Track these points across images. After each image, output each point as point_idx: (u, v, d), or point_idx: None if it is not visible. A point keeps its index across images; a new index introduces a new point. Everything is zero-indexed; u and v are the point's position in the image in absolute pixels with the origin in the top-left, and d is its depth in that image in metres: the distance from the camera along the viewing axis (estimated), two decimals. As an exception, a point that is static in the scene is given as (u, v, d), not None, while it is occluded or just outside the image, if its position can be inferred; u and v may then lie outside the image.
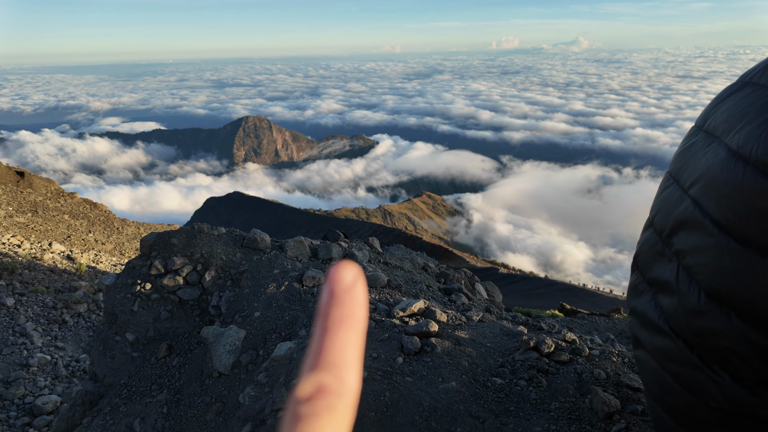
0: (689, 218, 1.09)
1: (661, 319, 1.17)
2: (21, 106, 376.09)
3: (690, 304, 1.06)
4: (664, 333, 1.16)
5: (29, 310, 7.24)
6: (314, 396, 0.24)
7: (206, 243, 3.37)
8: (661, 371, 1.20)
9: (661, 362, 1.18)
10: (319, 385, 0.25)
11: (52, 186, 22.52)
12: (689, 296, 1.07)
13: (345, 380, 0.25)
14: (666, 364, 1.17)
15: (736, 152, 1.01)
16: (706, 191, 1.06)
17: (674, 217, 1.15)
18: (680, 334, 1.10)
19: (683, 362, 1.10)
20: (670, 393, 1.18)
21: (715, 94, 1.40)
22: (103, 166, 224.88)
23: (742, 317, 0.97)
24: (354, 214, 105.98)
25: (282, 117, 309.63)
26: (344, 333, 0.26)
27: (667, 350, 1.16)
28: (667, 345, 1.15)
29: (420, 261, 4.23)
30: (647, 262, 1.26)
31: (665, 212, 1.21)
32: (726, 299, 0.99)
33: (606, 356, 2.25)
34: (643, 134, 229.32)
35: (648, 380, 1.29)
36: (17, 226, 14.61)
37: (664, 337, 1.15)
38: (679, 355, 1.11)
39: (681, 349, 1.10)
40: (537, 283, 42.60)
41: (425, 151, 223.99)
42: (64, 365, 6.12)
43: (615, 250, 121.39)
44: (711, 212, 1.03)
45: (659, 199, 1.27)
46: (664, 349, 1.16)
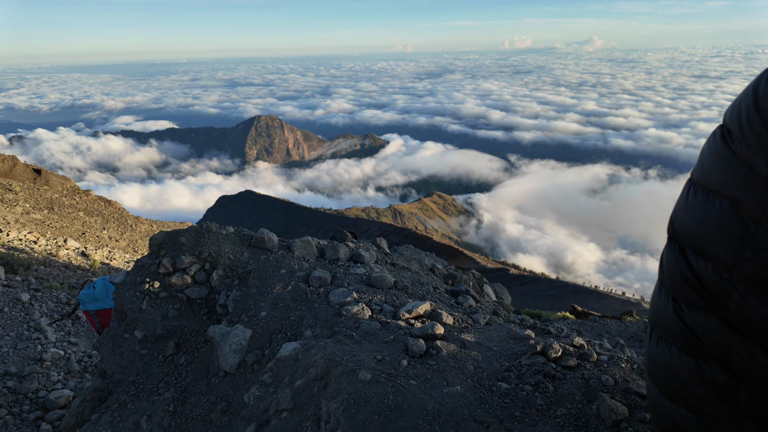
0: (684, 189, 1.23)
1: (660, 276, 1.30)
2: (38, 105, 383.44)
3: (667, 250, 1.23)
4: (657, 289, 1.29)
5: (44, 305, 7.37)
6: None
7: (214, 242, 3.39)
8: (649, 338, 1.30)
9: (651, 320, 1.30)
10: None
11: (68, 183, 22.93)
12: (671, 249, 1.22)
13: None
14: (654, 321, 1.28)
15: (721, 124, 1.14)
16: (698, 164, 1.19)
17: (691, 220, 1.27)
18: (663, 283, 1.24)
19: (666, 308, 1.22)
20: (653, 357, 1.27)
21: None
22: (118, 164, 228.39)
23: (682, 248, 1.15)
24: (364, 213, 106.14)
25: (292, 116, 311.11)
26: None
27: (656, 301, 1.27)
28: (655, 295, 1.28)
29: (428, 262, 4.21)
30: (672, 278, 1.37)
31: (682, 216, 1.30)
32: (677, 233, 1.18)
33: (615, 362, 2.21)
34: (656, 135, 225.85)
35: (649, 364, 1.35)
36: (34, 223, 14.89)
37: (658, 289, 1.28)
38: (663, 303, 1.23)
39: (664, 296, 1.23)
40: (548, 284, 42.22)
41: (435, 150, 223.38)
42: (77, 360, 6.22)
43: (627, 252, 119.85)
44: (696, 178, 1.17)
45: (682, 204, 1.36)
46: (655, 301, 1.28)
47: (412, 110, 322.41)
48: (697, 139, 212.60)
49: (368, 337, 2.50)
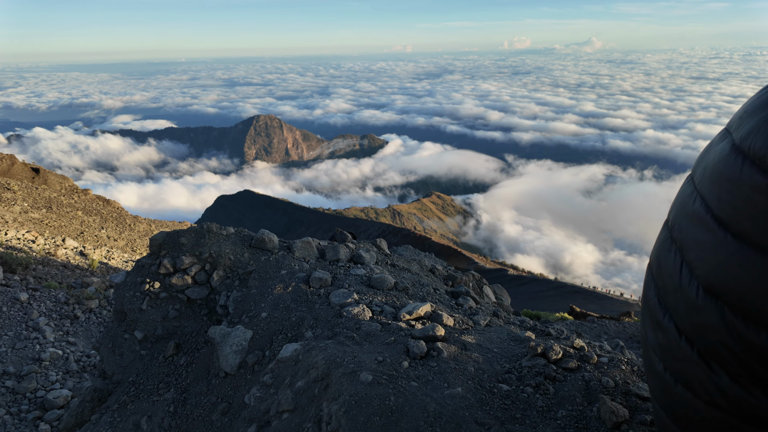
0: (695, 213, 1.09)
1: (666, 316, 1.17)
2: (36, 104, 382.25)
3: (690, 300, 1.07)
4: (667, 330, 1.16)
5: (42, 305, 7.35)
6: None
7: (215, 243, 3.39)
8: (664, 372, 1.20)
9: (665, 360, 1.19)
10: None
11: (66, 182, 22.86)
12: (689, 291, 1.07)
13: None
14: (669, 362, 1.18)
15: (738, 147, 1.00)
16: (710, 186, 1.06)
17: (683, 213, 1.16)
18: (682, 330, 1.11)
19: (684, 359, 1.11)
20: (673, 395, 1.18)
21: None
22: (116, 163, 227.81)
23: (735, 313, 0.97)
24: (363, 214, 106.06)
25: (291, 116, 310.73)
26: None
27: (670, 347, 1.16)
28: (670, 341, 1.15)
29: (427, 263, 4.22)
30: (658, 259, 1.27)
31: (677, 208, 1.22)
32: (721, 294, 0.99)
33: (615, 364, 2.22)
34: (654, 136, 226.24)
35: (653, 382, 1.30)
36: (32, 222, 14.85)
37: (668, 334, 1.16)
38: (680, 353, 1.12)
39: (683, 346, 1.11)
40: (546, 285, 42.30)
41: (434, 151, 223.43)
42: (75, 360, 6.21)
43: (624, 253, 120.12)
44: (713, 207, 1.03)
45: (676, 196, 1.28)
46: (668, 346, 1.17)
47: (410, 110, 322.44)
48: (694, 140, 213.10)
49: (369, 339, 2.50)
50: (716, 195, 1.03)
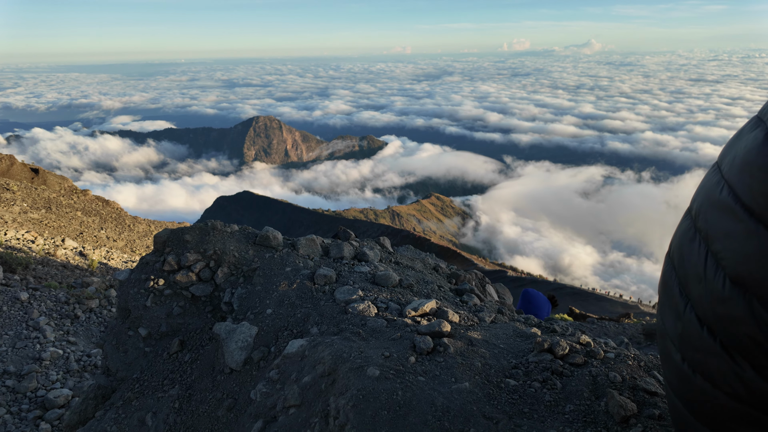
0: (722, 203, 1.07)
1: (688, 306, 1.15)
2: (35, 104, 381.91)
3: (715, 291, 1.05)
4: (689, 320, 1.15)
5: (42, 304, 7.34)
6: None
7: (219, 240, 3.39)
8: (681, 363, 1.19)
9: (684, 351, 1.18)
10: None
11: (65, 183, 22.84)
12: (715, 283, 1.06)
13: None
14: (688, 353, 1.17)
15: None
16: (740, 175, 1.04)
17: (709, 202, 1.13)
18: (704, 321, 1.09)
19: (706, 350, 1.09)
20: (691, 386, 1.17)
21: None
22: (115, 163, 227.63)
23: (764, 305, 0.95)
24: (362, 215, 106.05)
25: (290, 117, 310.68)
26: None
27: (690, 337, 1.15)
28: (691, 331, 1.14)
29: (431, 261, 4.22)
30: (680, 249, 1.23)
31: (702, 197, 1.18)
32: (749, 286, 0.98)
33: (621, 359, 2.23)
34: (653, 138, 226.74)
35: (670, 373, 1.28)
36: (31, 222, 14.82)
37: (688, 324, 1.15)
38: (701, 343, 1.10)
39: (704, 337, 1.09)
40: (546, 286, 42.31)
41: (433, 152, 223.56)
42: (76, 359, 6.19)
43: (623, 254, 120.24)
44: (742, 197, 1.01)
45: (700, 185, 1.24)
46: (688, 336, 1.15)
47: (410, 112, 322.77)
48: (693, 142, 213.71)
49: (375, 335, 2.50)
50: (747, 184, 1.01)
